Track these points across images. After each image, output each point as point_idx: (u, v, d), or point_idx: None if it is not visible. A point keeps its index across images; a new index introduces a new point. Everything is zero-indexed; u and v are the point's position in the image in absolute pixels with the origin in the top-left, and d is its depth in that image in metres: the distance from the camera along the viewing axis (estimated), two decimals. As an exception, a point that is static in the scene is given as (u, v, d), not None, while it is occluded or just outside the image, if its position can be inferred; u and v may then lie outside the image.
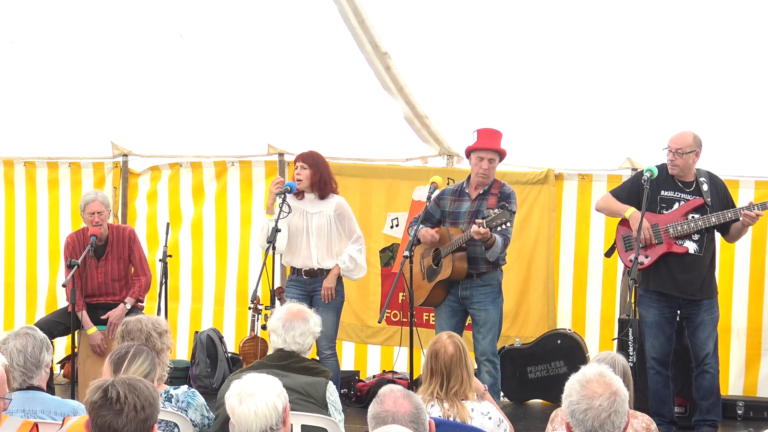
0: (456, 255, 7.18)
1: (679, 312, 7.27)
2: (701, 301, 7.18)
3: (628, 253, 7.25)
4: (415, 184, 8.60)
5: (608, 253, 7.64)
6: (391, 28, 7.53)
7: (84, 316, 7.83)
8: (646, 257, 7.17)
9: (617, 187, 7.54)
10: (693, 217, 7.11)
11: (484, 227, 6.87)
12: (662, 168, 7.19)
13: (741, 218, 6.96)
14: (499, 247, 7.11)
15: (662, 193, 7.18)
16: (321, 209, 7.57)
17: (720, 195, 7.15)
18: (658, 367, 7.28)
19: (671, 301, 7.23)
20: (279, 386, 3.86)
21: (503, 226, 6.91)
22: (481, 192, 7.30)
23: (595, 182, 8.43)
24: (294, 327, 5.06)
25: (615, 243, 7.42)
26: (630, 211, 7.22)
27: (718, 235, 7.30)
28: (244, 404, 3.77)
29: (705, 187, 7.12)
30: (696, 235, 7.12)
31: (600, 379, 3.58)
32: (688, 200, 7.13)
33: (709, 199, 7.09)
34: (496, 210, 6.93)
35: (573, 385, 3.60)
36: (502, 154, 7.32)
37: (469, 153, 7.34)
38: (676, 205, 7.16)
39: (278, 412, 3.79)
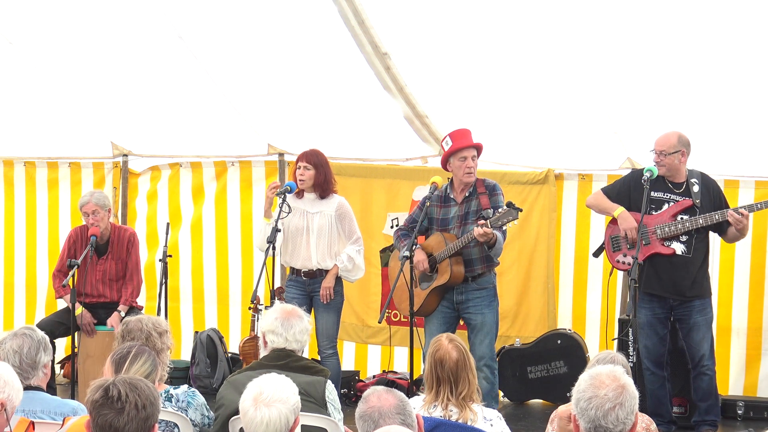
0: (452, 260, 7.14)
1: (672, 313, 7.26)
2: (692, 301, 7.16)
3: (615, 253, 7.26)
4: (415, 184, 8.60)
5: (596, 253, 7.65)
6: (391, 29, 7.53)
7: (67, 299, 7.80)
8: (634, 258, 7.16)
9: (608, 185, 7.56)
10: (681, 218, 7.10)
11: (488, 227, 6.85)
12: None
13: (728, 219, 6.95)
14: (501, 243, 7.09)
15: (652, 194, 7.15)
16: (321, 209, 7.57)
17: (712, 196, 7.13)
18: (652, 368, 7.27)
19: (662, 301, 7.22)
20: (296, 399, 3.86)
21: (511, 224, 6.90)
22: (467, 194, 7.25)
23: (595, 182, 8.42)
24: (293, 325, 5.06)
25: (603, 243, 7.42)
26: (619, 211, 7.21)
27: (713, 236, 7.30)
28: (258, 411, 3.77)
29: (696, 188, 7.11)
30: (684, 236, 7.11)
31: (610, 373, 3.62)
32: (678, 201, 7.12)
33: (698, 201, 7.08)
34: (500, 209, 6.91)
35: (584, 377, 3.64)
36: (479, 149, 7.27)
37: (446, 159, 7.25)
38: (665, 206, 7.15)
39: (288, 426, 3.79)
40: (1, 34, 8.36)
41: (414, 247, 7.06)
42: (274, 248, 7.24)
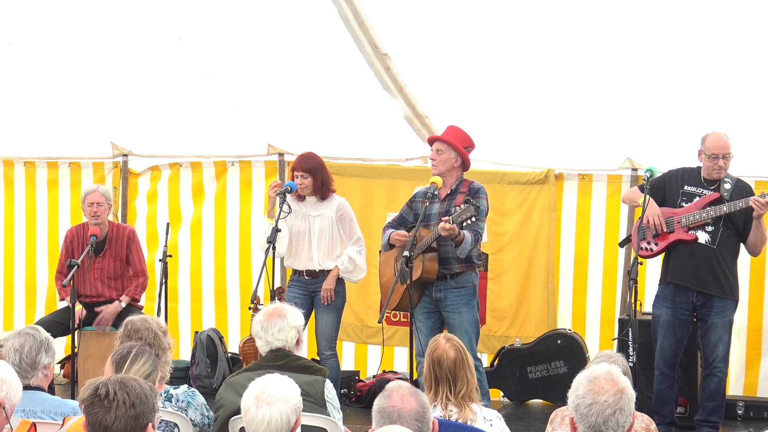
0: (426, 255, 7.12)
1: (695, 313, 7.24)
2: (713, 299, 7.14)
3: (640, 242, 7.29)
4: (415, 184, 8.57)
5: (622, 243, 7.81)
6: (391, 30, 7.53)
7: (68, 299, 7.79)
8: (656, 244, 7.18)
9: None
10: (707, 208, 7.12)
11: (450, 223, 6.86)
12: (693, 169, 7.23)
13: (751, 205, 6.94)
14: (469, 244, 7.03)
15: (685, 187, 7.23)
16: (323, 211, 7.58)
17: (743, 194, 7.11)
18: (663, 368, 7.27)
19: (687, 298, 7.19)
20: (297, 400, 3.86)
21: (469, 221, 6.87)
22: (449, 192, 7.26)
23: (595, 182, 8.43)
24: (272, 325, 5.06)
25: (631, 234, 7.49)
26: (642, 199, 7.23)
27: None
28: (259, 410, 3.77)
29: (727, 186, 7.12)
30: (709, 226, 7.12)
31: (608, 376, 3.61)
32: (707, 194, 7.15)
33: (726, 194, 7.10)
34: (462, 206, 6.93)
35: (580, 380, 3.63)
36: (454, 148, 7.18)
37: None
38: (695, 200, 7.18)
39: (288, 426, 3.79)
40: (1, 34, 8.36)
41: (413, 246, 7.06)
42: (274, 248, 7.25)
